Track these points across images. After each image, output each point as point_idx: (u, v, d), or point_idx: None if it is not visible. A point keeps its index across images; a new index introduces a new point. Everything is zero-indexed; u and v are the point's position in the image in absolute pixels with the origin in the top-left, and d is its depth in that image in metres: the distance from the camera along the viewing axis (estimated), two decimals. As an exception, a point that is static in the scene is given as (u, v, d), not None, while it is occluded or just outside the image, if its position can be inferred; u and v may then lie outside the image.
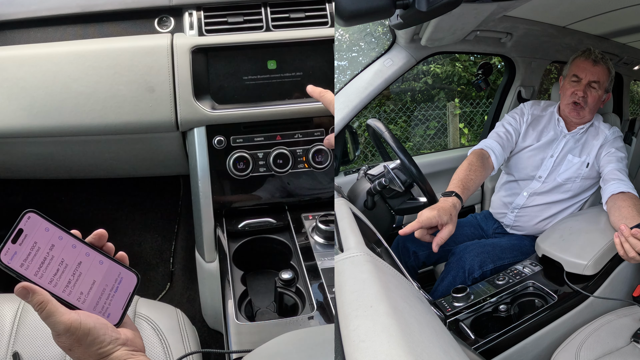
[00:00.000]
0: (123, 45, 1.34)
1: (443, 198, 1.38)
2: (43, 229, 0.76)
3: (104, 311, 0.77)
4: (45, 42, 1.37)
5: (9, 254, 0.74)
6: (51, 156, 1.48)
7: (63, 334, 0.71)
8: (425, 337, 0.51)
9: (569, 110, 1.61)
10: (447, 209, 1.32)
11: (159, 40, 1.35)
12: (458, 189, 1.40)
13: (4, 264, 0.73)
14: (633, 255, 1.21)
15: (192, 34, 1.38)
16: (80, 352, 0.72)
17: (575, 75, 1.58)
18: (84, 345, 0.72)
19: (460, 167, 1.51)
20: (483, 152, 1.58)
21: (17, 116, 1.32)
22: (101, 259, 0.79)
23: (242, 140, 1.40)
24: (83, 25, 1.40)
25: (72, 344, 0.72)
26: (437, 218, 1.29)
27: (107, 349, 0.72)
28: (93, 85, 1.31)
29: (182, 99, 1.34)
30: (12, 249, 0.74)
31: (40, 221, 0.76)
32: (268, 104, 1.39)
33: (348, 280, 0.60)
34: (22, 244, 0.75)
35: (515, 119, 1.70)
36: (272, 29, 1.39)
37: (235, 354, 1.05)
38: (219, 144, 1.39)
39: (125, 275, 0.80)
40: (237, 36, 1.37)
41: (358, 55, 3.37)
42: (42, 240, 0.76)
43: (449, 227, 1.30)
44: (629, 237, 1.21)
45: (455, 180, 1.45)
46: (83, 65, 1.31)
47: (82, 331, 0.71)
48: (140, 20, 1.41)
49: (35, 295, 0.72)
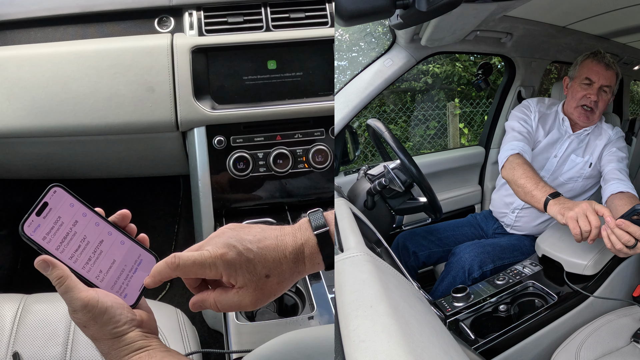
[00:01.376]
0: (123, 45, 1.34)
1: (558, 200, 1.29)
2: (68, 204, 0.76)
3: (121, 291, 0.77)
4: (45, 42, 1.37)
5: (32, 226, 0.73)
6: (51, 156, 1.48)
7: (80, 311, 0.71)
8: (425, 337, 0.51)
9: (578, 114, 1.59)
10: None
11: (159, 40, 1.35)
12: (553, 190, 1.32)
13: (27, 236, 0.73)
14: (620, 247, 1.16)
15: (192, 34, 1.38)
16: (95, 330, 0.72)
17: (587, 78, 1.55)
18: (99, 323, 0.71)
19: (520, 173, 1.40)
20: (520, 155, 1.49)
21: (17, 116, 1.32)
22: (123, 239, 0.79)
23: (242, 140, 1.40)
24: (83, 25, 1.40)
25: (88, 321, 0.71)
26: None
27: (122, 329, 0.72)
28: (93, 85, 1.31)
29: (182, 99, 1.34)
30: (36, 221, 0.74)
31: (66, 196, 0.76)
32: (268, 104, 1.39)
33: (348, 280, 0.60)
34: (46, 217, 0.74)
35: (527, 115, 1.65)
36: (272, 29, 1.39)
37: (235, 354, 1.05)
38: (219, 144, 1.39)
39: (145, 257, 0.80)
40: (237, 36, 1.37)
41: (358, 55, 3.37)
42: (66, 215, 0.76)
43: None
44: (614, 228, 1.16)
45: (540, 183, 1.35)
46: (83, 65, 1.31)
47: (99, 309, 0.71)
48: (140, 20, 1.41)
49: (55, 270, 0.72)
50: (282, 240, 0.74)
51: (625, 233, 1.15)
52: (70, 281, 0.72)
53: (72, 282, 0.72)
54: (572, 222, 1.21)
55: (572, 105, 1.61)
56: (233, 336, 1.09)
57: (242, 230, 0.75)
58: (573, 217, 1.21)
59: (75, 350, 1.05)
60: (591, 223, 1.19)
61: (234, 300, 0.73)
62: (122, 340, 0.72)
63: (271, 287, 0.73)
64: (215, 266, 0.71)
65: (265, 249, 0.73)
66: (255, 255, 0.72)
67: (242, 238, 0.73)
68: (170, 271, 0.73)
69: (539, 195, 1.33)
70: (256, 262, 0.72)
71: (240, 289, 0.73)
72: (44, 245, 0.74)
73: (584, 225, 1.19)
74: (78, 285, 0.72)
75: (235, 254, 0.72)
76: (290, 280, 0.75)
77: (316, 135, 1.44)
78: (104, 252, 0.77)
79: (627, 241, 1.16)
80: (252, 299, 0.73)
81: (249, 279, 0.72)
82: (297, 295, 1.19)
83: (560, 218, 1.25)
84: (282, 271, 0.73)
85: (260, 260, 0.72)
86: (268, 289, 0.73)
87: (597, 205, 1.21)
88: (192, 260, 0.72)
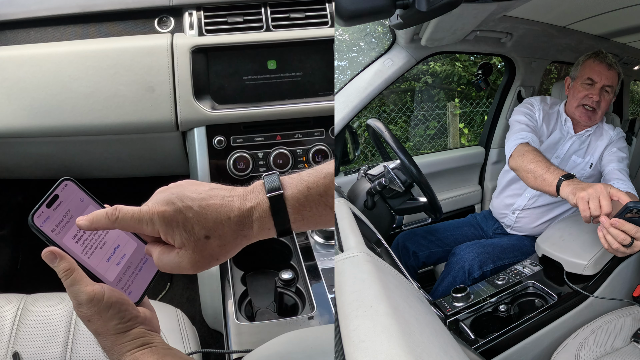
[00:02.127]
0: (123, 45, 1.34)
1: (571, 181, 1.23)
2: (78, 199, 0.77)
3: (125, 288, 0.77)
4: (45, 42, 1.37)
5: (42, 217, 0.73)
6: (51, 156, 1.48)
7: (85, 304, 0.71)
8: (425, 337, 0.51)
9: (580, 113, 1.59)
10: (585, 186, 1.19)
11: (159, 40, 1.35)
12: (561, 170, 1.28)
13: (36, 227, 0.73)
14: (617, 247, 1.14)
15: (192, 34, 1.38)
16: (99, 325, 0.72)
17: (589, 78, 1.55)
18: (104, 318, 0.71)
19: (530, 158, 1.37)
20: (527, 144, 1.46)
21: (17, 116, 1.32)
22: (130, 236, 0.79)
23: (242, 140, 1.40)
24: (83, 25, 1.40)
25: (92, 315, 0.71)
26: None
27: (126, 325, 0.72)
28: (93, 85, 1.31)
29: (182, 99, 1.34)
30: (46, 212, 0.74)
31: (77, 190, 0.77)
32: (268, 104, 1.39)
33: (348, 280, 0.60)
34: (56, 209, 0.75)
35: (531, 111, 1.63)
36: (272, 29, 1.39)
37: (235, 354, 1.05)
38: (219, 144, 1.39)
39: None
40: (237, 36, 1.37)
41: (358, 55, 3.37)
42: (75, 209, 0.76)
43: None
44: (609, 228, 1.14)
45: (551, 167, 1.30)
46: (83, 65, 1.31)
47: (104, 304, 0.71)
48: (140, 20, 1.41)
49: (62, 262, 0.72)
50: (228, 201, 0.70)
51: (621, 232, 1.13)
52: (76, 274, 0.72)
53: (78, 275, 0.72)
54: (582, 202, 1.15)
55: (573, 104, 1.61)
56: (233, 336, 1.09)
57: (188, 187, 0.72)
58: (584, 197, 1.15)
59: (75, 350, 1.05)
60: (602, 208, 1.13)
61: (174, 261, 0.70)
62: (125, 336, 0.72)
63: (212, 249, 0.70)
64: (152, 222, 0.69)
65: (207, 208, 0.69)
66: (194, 214, 0.68)
67: (185, 195, 0.70)
68: (109, 222, 0.71)
69: (550, 178, 1.28)
70: (194, 221, 0.68)
71: (180, 250, 0.69)
72: (53, 237, 0.74)
73: (594, 209, 1.14)
74: (84, 279, 0.72)
75: (173, 211, 0.68)
76: (234, 244, 0.71)
77: (316, 135, 1.44)
78: (112, 248, 0.78)
79: (623, 240, 1.13)
80: (190, 261, 0.69)
81: (186, 238, 0.68)
82: (297, 295, 1.19)
83: (572, 198, 1.19)
84: (224, 233, 0.69)
85: (199, 220, 0.68)
86: (208, 252, 0.69)
87: (613, 189, 1.15)
88: (131, 215, 0.69)
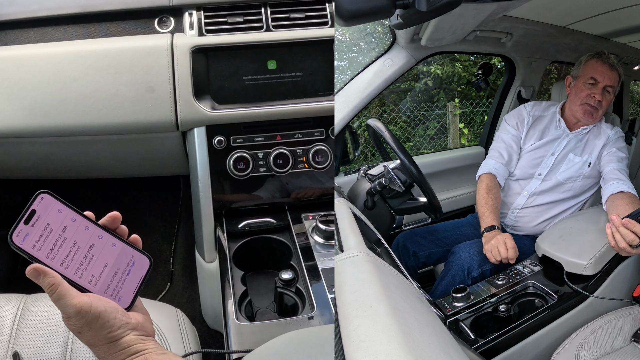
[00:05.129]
0: (123, 45, 1.34)
1: (488, 234, 1.50)
2: (56, 210, 0.76)
3: (115, 294, 0.77)
4: (45, 42, 1.36)
5: (21, 235, 0.73)
6: (51, 156, 1.48)
7: (73, 317, 0.71)
8: (425, 337, 0.51)
9: (582, 112, 1.61)
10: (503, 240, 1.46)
11: (159, 40, 1.35)
12: (495, 222, 1.53)
13: (16, 245, 0.73)
14: (624, 246, 1.19)
15: (192, 34, 1.38)
16: (90, 336, 0.72)
17: (592, 78, 1.57)
18: (94, 328, 0.71)
19: (481, 195, 1.61)
20: (492, 175, 1.66)
21: (17, 116, 1.32)
22: (114, 242, 0.78)
23: (242, 140, 1.40)
24: (83, 25, 1.40)
25: (82, 327, 0.71)
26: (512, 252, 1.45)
27: (117, 333, 0.72)
28: (93, 85, 1.31)
29: (182, 99, 1.34)
30: (25, 230, 0.73)
31: (54, 202, 0.76)
32: (268, 104, 1.39)
33: (348, 280, 0.60)
34: (35, 225, 0.74)
35: (515, 128, 1.70)
36: (272, 29, 1.39)
37: (235, 354, 1.05)
38: (219, 144, 1.39)
39: (137, 258, 0.80)
40: (237, 36, 1.37)
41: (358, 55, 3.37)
42: (54, 222, 0.75)
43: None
44: (619, 227, 1.19)
45: (486, 212, 1.56)
46: (83, 65, 1.31)
47: (92, 315, 0.71)
48: (140, 20, 1.41)
49: (46, 277, 0.72)
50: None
51: (630, 232, 1.18)
52: (62, 288, 0.72)
53: (64, 288, 0.72)
54: (487, 253, 1.47)
55: (575, 103, 1.62)
56: (233, 336, 1.09)
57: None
58: (487, 249, 1.47)
59: (75, 350, 1.05)
60: (501, 254, 1.44)
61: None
62: (117, 344, 0.72)
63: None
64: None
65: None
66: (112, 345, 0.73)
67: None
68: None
69: (485, 221, 1.55)
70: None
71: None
72: (34, 254, 0.73)
73: (495, 255, 1.45)
74: (70, 291, 0.72)
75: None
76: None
77: (316, 135, 1.44)
78: (95, 256, 0.77)
79: (631, 240, 1.18)
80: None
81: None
82: (297, 295, 1.19)
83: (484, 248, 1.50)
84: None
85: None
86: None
87: (508, 240, 1.45)
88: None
